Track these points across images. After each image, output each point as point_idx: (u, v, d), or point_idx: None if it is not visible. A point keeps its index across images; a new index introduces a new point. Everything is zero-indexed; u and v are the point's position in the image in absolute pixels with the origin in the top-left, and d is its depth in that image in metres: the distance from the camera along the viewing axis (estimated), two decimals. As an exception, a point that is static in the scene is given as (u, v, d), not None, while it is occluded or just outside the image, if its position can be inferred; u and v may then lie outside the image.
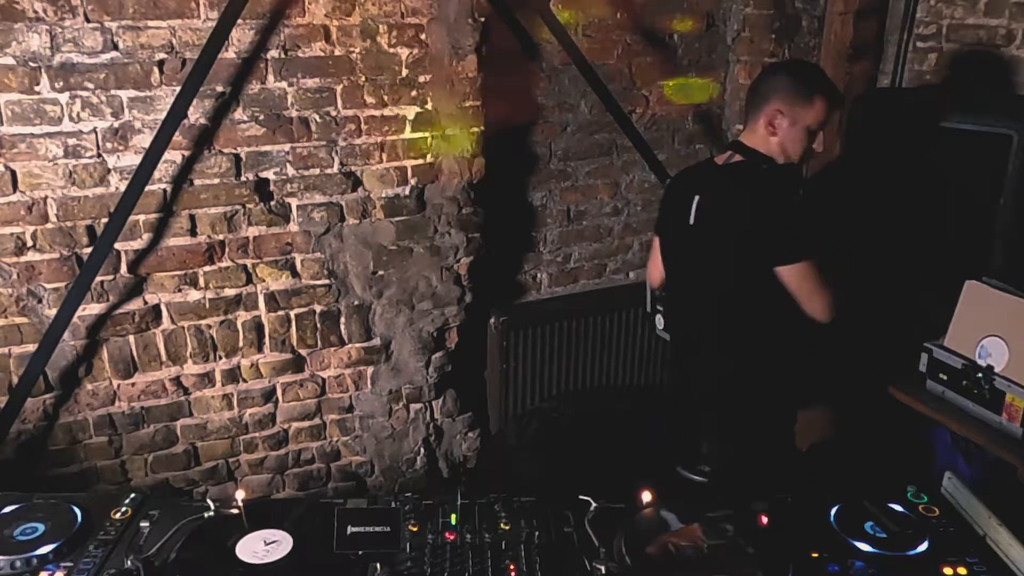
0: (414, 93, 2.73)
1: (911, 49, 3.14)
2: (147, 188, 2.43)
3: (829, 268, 2.06)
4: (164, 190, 2.51)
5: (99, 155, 2.41)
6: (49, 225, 2.41)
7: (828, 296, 2.05)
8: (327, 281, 2.80)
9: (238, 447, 2.86)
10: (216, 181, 2.57)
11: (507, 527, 1.55)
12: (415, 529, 1.54)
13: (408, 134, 2.76)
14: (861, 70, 3.22)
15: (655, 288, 2.65)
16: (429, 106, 2.76)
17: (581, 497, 1.59)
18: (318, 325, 2.83)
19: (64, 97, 2.33)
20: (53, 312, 2.43)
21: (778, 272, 2.03)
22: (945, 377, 2.34)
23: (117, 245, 2.47)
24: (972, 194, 2.53)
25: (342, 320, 2.86)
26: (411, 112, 2.75)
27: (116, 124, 2.41)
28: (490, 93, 2.82)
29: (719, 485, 2.20)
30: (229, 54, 2.47)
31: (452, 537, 1.53)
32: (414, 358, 2.98)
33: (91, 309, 2.51)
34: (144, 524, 1.50)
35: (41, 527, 1.50)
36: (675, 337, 2.55)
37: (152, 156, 2.39)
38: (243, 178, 2.60)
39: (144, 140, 2.42)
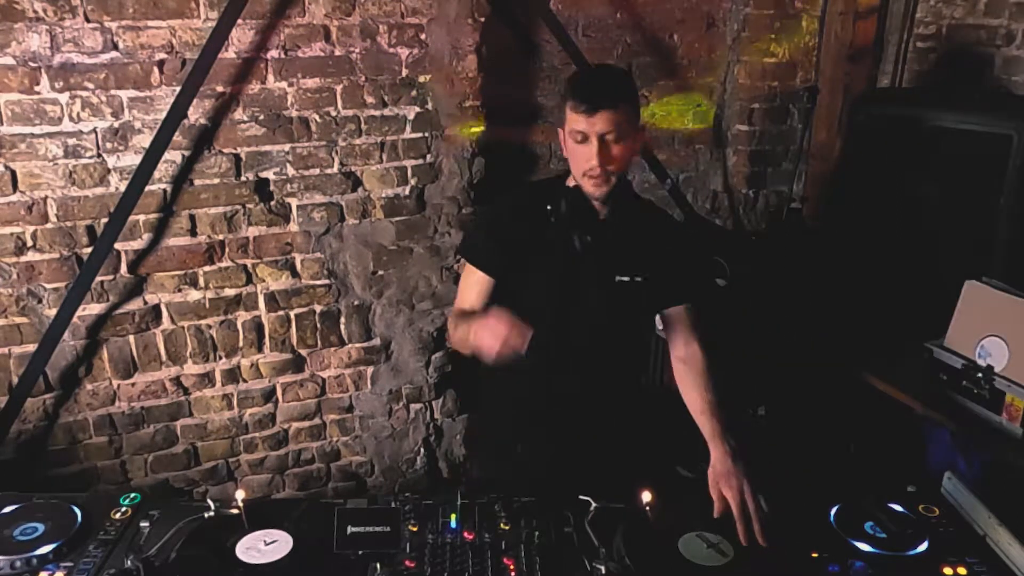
0: (414, 93, 2.73)
1: (911, 49, 3.14)
2: (147, 188, 2.44)
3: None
4: (164, 190, 2.51)
5: (99, 155, 2.41)
6: (49, 225, 2.41)
7: None
8: (327, 281, 2.80)
9: (238, 447, 2.86)
10: (216, 181, 2.57)
11: (507, 527, 1.55)
12: (415, 529, 1.54)
13: (408, 134, 2.76)
14: (861, 70, 3.22)
15: None
16: (429, 106, 2.76)
17: (581, 497, 1.59)
18: (318, 325, 2.83)
19: (64, 97, 2.33)
20: (53, 312, 2.43)
21: None
22: (945, 377, 2.33)
23: (117, 245, 2.47)
24: (972, 194, 2.53)
25: (342, 320, 2.86)
26: (411, 112, 2.74)
27: (116, 124, 2.40)
28: (490, 93, 2.82)
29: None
30: (229, 54, 2.47)
31: (452, 537, 1.53)
32: (414, 358, 2.98)
33: (91, 309, 2.51)
34: (144, 524, 1.50)
35: (41, 527, 1.51)
36: None
37: (152, 156, 2.39)
38: (243, 178, 2.60)
39: (144, 140, 2.42)
